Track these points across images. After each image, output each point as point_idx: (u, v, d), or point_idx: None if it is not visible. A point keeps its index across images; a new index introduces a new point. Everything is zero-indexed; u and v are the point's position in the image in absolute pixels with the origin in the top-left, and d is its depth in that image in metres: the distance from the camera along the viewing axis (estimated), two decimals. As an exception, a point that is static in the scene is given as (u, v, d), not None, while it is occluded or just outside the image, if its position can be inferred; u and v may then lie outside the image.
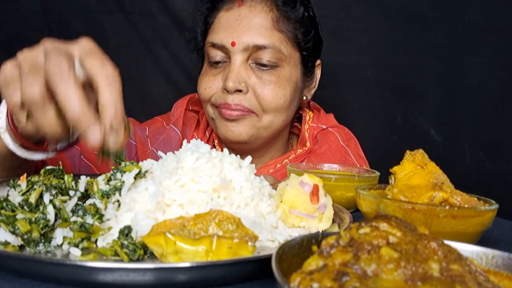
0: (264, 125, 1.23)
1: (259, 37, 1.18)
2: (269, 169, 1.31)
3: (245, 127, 1.22)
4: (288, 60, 1.23)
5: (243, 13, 1.20)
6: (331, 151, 1.30)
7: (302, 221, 0.71)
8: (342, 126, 1.42)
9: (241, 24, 1.19)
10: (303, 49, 1.27)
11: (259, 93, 1.19)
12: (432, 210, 0.65)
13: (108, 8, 1.79)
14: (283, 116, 1.26)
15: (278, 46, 1.20)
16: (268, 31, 1.19)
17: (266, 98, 1.20)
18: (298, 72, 1.27)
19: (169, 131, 1.37)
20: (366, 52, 1.83)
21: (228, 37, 1.19)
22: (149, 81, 1.87)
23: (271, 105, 1.21)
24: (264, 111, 1.22)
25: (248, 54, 1.19)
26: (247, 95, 1.20)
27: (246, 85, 1.19)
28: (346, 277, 0.38)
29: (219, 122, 1.25)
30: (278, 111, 1.23)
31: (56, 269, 0.52)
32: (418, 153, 0.76)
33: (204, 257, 0.53)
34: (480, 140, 1.80)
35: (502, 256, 0.51)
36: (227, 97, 1.20)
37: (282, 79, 1.21)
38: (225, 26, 1.21)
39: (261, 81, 1.20)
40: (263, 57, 1.19)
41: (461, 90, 1.80)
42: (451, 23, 1.77)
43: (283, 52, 1.21)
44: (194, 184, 0.66)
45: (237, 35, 1.18)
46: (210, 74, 1.25)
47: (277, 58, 1.20)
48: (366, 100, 1.88)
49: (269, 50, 1.19)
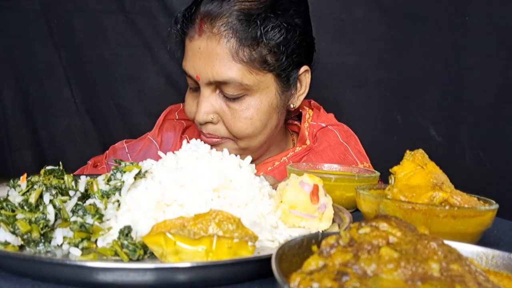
0: (241, 147, 1.23)
1: (219, 72, 1.13)
2: (267, 167, 1.31)
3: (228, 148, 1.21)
4: (256, 88, 1.17)
5: (202, 45, 1.15)
6: (330, 148, 1.30)
7: (302, 221, 0.71)
8: (341, 124, 1.41)
9: (201, 57, 1.15)
10: (275, 69, 1.19)
11: (228, 124, 1.19)
12: (432, 210, 0.65)
13: (108, 8, 1.79)
14: (259, 138, 1.23)
15: (239, 80, 1.14)
16: (228, 63, 1.13)
17: (235, 128, 1.18)
18: (271, 93, 1.20)
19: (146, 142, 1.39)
20: (366, 52, 1.83)
21: (192, 70, 1.17)
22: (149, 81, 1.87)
23: (241, 132, 1.19)
24: (238, 138, 1.21)
25: (214, 86, 1.17)
26: (218, 125, 1.20)
27: (217, 115, 1.18)
28: (346, 277, 0.38)
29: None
30: (251, 137, 1.21)
31: (56, 269, 0.52)
32: (418, 153, 0.76)
33: (204, 257, 0.53)
34: (480, 140, 1.80)
35: (502, 256, 0.51)
36: (201, 127, 1.21)
37: (249, 108, 1.18)
38: (190, 56, 1.18)
39: (230, 110, 1.18)
40: (227, 90, 1.15)
41: (461, 90, 1.80)
42: (451, 23, 1.77)
43: (247, 83, 1.15)
44: (194, 184, 0.66)
45: (199, 69, 1.15)
46: (190, 97, 1.26)
47: (241, 90, 1.15)
48: (366, 100, 1.87)
49: (230, 85, 1.14)
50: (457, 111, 1.81)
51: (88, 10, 1.79)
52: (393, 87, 1.85)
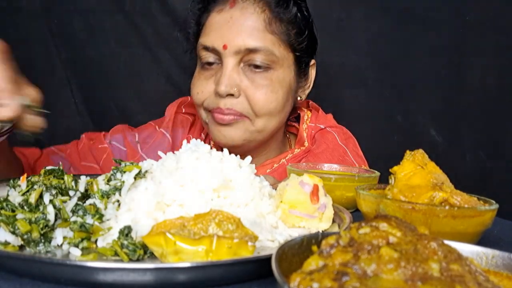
0: (257, 129, 1.22)
1: (251, 40, 1.16)
2: (266, 169, 1.31)
3: (238, 131, 1.21)
4: (281, 62, 1.21)
5: (234, 14, 1.18)
6: (329, 150, 1.30)
7: (302, 221, 0.71)
8: (340, 126, 1.41)
9: (233, 26, 1.17)
10: (297, 50, 1.24)
11: (251, 97, 1.18)
12: (432, 210, 0.65)
13: (108, 8, 1.79)
14: (276, 119, 1.24)
15: (270, 49, 1.17)
16: (260, 33, 1.17)
17: (258, 102, 1.18)
18: (291, 74, 1.25)
19: (158, 135, 1.37)
20: (366, 52, 1.83)
21: (219, 40, 1.17)
22: (149, 81, 1.87)
23: (263, 109, 1.19)
24: (257, 115, 1.20)
25: (240, 57, 1.17)
26: (239, 99, 1.18)
27: (238, 89, 1.17)
28: (346, 277, 0.38)
29: (212, 126, 1.23)
30: (270, 114, 1.21)
31: (56, 269, 0.52)
32: (418, 153, 0.76)
33: (204, 257, 0.53)
34: (480, 140, 1.80)
35: (502, 256, 0.51)
36: (219, 101, 1.18)
37: (274, 82, 1.20)
38: (216, 28, 1.19)
39: (253, 85, 1.18)
40: (255, 60, 1.17)
41: (461, 90, 1.80)
42: (451, 23, 1.77)
43: (276, 54, 1.19)
44: (194, 184, 0.66)
45: (228, 37, 1.16)
46: (202, 77, 1.23)
47: (269, 61, 1.18)
48: (366, 100, 1.87)
49: (261, 53, 1.16)
50: (457, 111, 1.81)
51: (88, 10, 1.79)
52: (393, 87, 1.85)
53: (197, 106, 1.27)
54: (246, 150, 1.28)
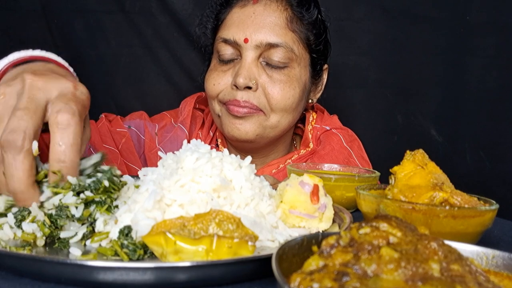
0: (271, 125, 1.23)
1: (272, 35, 1.18)
2: (272, 169, 1.31)
3: (252, 125, 1.21)
4: (299, 61, 1.23)
5: (257, 10, 1.20)
6: (334, 152, 1.30)
7: (302, 221, 0.71)
8: (345, 128, 1.42)
9: (255, 21, 1.19)
10: (314, 51, 1.27)
11: (268, 92, 1.19)
12: (432, 210, 0.65)
13: (108, 8, 1.79)
14: (290, 117, 1.26)
15: (290, 46, 1.20)
16: (282, 30, 1.20)
17: (276, 97, 1.19)
18: (307, 74, 1.27)
19: (176, 130, 1.36)
20: (366, 52, 1.83)
21: (241, 33, 1.19)
22: (149, 81, 1.87)
23: (280, 104, 1.20)
24: (272, 110, 1.21)
25: (260, 51, 1.19)
26: (256, 92, 1.19)
27: (256, 83, 1.18)
28: (346, 277, 0.38)
29: (225, 119, 1.23)
30: (286, 111, 1.23)
31: (56, 269, 0.52)
32: (418, 153, 0.76)
33: (204, 257, 0.53)
34: (480, 140, 1.80)
35: (502, 256, 0.51)
36: (236, 93, 1.19)
37: (292, 79, 1.21)
38: (238, 22, 1.21)
39: (271, 80, 1.19)
40: (274, 56, 1.19)
41: (461, 90, 1.80)
42: (451, 23, 1.77)
43: (295, 52, 1.21)
44: (194, 184, 0.66)
45: (250, 31, 1.18)
46: (219, 70, 1.24)
47: (288, 58, 1.20)
48: (366, 100, 1.87)
49: (281, 49, 1.19)
50: (457, 111, 1.81)
51: (88, 10, 1.79)
52: (393, 87, 1.85)
53: (211, 98, 1.27)
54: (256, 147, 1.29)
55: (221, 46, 1.22)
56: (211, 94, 1.25)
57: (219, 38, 1.23)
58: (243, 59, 1.19)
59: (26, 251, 0.58)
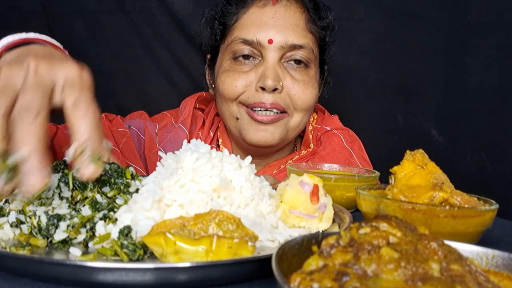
0: (293, 125, 1.25)
1: (296, 37, 1.19)
2: (273, 169, 1.31)
3: (278, 129, 1.22)
4: (315, 62, 1.26)
5: (279, 11, 1.21)
6: (335, 153, 1.30)
7: (302, 221, 0.71)
8: (346, 128, 1.41)
9: (277, 22, 1.19)
10: (324, 53, 1.31)
11: (293, 92, 1.20)
12: (432, 210, 0.65)
13: (108, 8, 1.79)
14: (309, 115, 1.29)
15: (311, 47, 1.22)
16: (303, 31, 1.22)
17: (301, 97, 1.21)
18: (318, 74, 1.30)
19: (177, 130, 1.35)
20: (367, 52, 1.83)
21: (264, 34, 1.18)
22: (149, 81, 1.87)
23: (304, 104, 1.22)
24: (295, 110, 1.23)
25: (283, 52, 1.19)
26: (282, 94, 1.20)
27: (282, 84, 1.19)
28: (346, 277, 0.38)
29: (247, 124, 1.22)
30: (308, 110, 1.25)
31: (56, 269, 0.52)
32: (418, 153, 0.76)
33: (204, 257, 0.53)
34: (481, 140, 1.80)
35: (502, 256, 0.51)
36: (261, 96, 1.18)
37: (312, 79, 1.24)
38: (259, 23, 1.20)
39: (294, 80, 1.21)
40: (297, 57, 1.20)
41: (462, 90, 1.80)
42: (451, 23, 1.77)
43: (314, 53, 1.24)
44: (194, 184, 0.66)
45: (274, 32, 1.18)
46: (238, 70, 1.21)
47: (309, 59, 1.22)
48: (367, 100, 1.87)
49: (303, 50, 1.20)
50: (458, 111, 1.81)
51: (88, 10, 1.79)
52: (393, 87, 1.85)
53: (228, 100, 1.24)
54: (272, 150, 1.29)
55: (239, 46, 1.20)
56: (230, 96, 1.22)
57: (237, 38, 1.21)
58: (266, 60, 1.19)
59: (26, 252, 0.58)
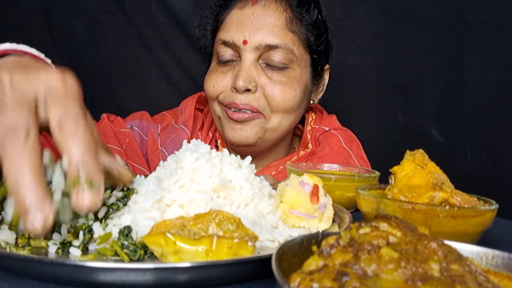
0: (271, 127, 1.22)
1: (272, 37, 1.17)
2: (271, 171, 1.30)
3: (253, 129, 1.20)
4: (299, 62, 1.22)
5: (256, 11, 1.19)
6: (333, 153, 1.30)
7: (302, 221, 0.71)
8: (344, 128, 1.41)
9: (254, 23, 1.18)
10: (314, 52, 1.26)
11: (268, 93, 1.18)
12: (432, 210, 0.65)
13: (108, 8, 1.79)
14: (291, 118, 1.24)
15: (290, 47, 1.19)
16: (281, 31, 1.18)
17: (276, 98, 1.18)
18: (307, 75, 1.26)
19: (178, 131, 1.35)
20: (366, 52, 1.83)
21: (240, 35, 1.18)
22: (149, 81, 1.87)
23: (281, 106, 1.19)
24: (273, 112, 1.20)
25: (259, 53, 1.18)
26: (256, 94, 1.18)
27: (256, 85, 1.17)
28: (346, 277, 0.38)
29: (226, 123, 1.23)
30: (287, 112, 1.21)
31: (56, 269, 0.52)
32: (418, 153, 0.76)
33: (204, 257, 0.53)
34: (481, 140, 1.80)
35: (502, 256, 0.51)
36: (235, 96, 1.18)
37: (292, 80, 1.20)
38: (237, 24, 1.20)
39: (271, 81, 1.18)
40: (274, 57, 1.18)
41: (462, 90, 1.80)
42: (451, 23, 1.77)
43: (294, 53, 1.20)
44: (194, 185, 0.66)
45: (249, 33, 1.17)
46: (219, 71, 1.23)
47: (288, 59, 1.19)
48: (366, 100, 1.87)
49: (280, 50, 1.17)
50: (458, 111, 1.81)
51: (88, 10, 1.79)
52: (393, 87, 1.85)
53: (211, 99, 1.26)
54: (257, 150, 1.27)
55: (220, 48, 1.21)
56: (211, 95, 1.24)
57: (219, 39, 1.22)
58: (242, 61, 1.18)
59: (26, 252, 0.58)
